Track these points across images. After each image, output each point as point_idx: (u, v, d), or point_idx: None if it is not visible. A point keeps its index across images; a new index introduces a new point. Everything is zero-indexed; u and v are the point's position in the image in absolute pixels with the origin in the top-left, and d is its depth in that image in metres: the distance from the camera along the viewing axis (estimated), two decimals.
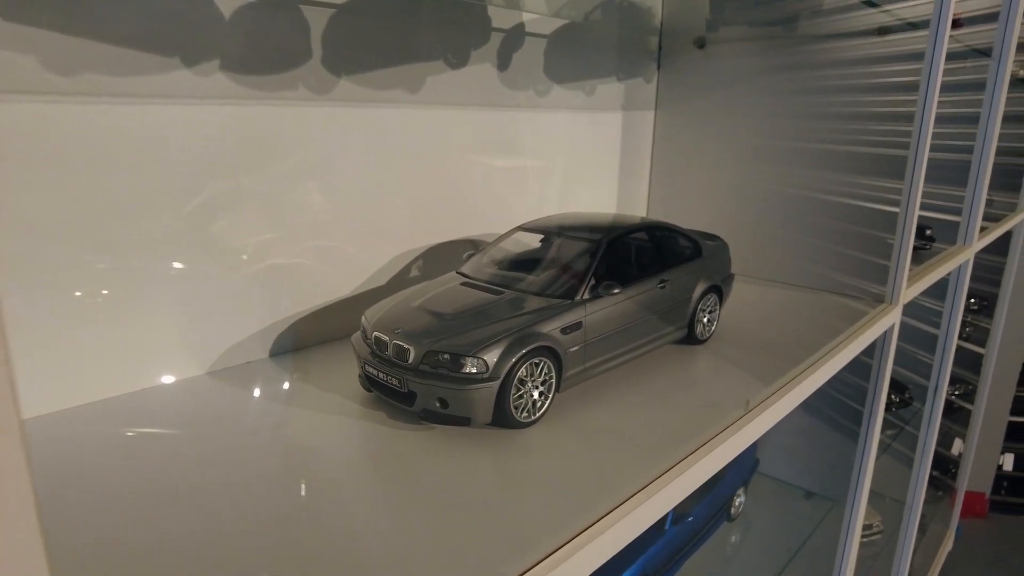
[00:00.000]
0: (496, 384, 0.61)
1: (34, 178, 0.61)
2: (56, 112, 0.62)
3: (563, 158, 1.16)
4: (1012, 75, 1.81)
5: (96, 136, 0.64)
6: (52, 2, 0.60)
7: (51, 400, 0.66)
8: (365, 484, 0.56)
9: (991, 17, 1.66)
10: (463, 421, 0.62)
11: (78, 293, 0.66)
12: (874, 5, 1.08)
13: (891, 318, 1.10)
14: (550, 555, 0.48)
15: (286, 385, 0.75)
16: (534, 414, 0.65)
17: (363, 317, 0.71)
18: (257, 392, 0.73)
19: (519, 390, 0.63)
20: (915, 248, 1.46)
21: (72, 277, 0.65)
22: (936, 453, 2.55)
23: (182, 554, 0.46)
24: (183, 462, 0.58)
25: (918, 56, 1.05)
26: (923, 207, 1.19)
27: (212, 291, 0.76)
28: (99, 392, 0.69)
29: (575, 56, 1.13)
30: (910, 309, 1.29)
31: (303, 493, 0.55)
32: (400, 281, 0.93)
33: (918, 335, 1.81)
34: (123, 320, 0.69)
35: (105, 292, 0.67)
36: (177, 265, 0.72)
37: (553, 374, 0.66)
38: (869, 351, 1.13)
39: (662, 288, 0.79)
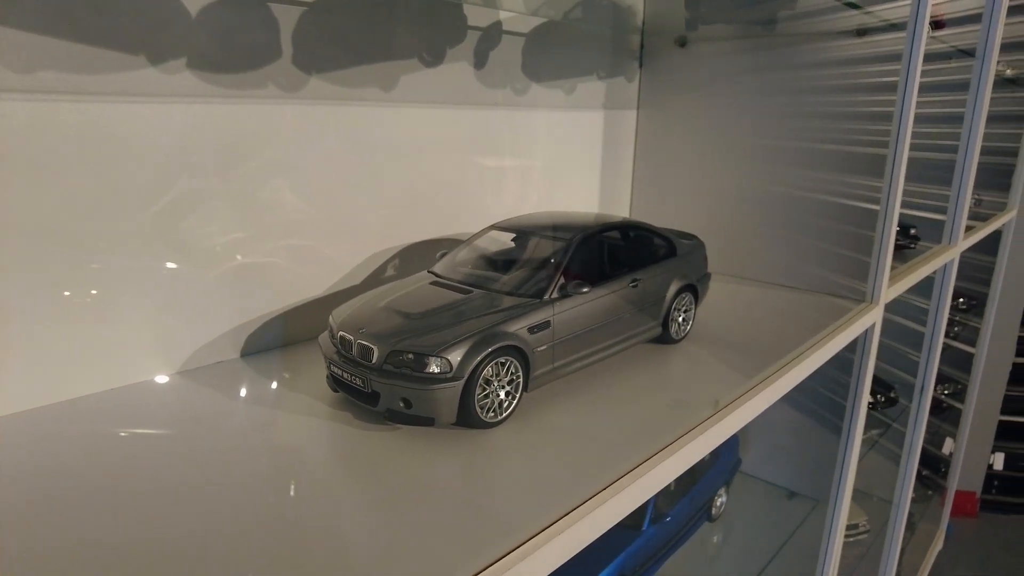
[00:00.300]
0: (460, 384, 0.60)
1: None
2: (15, 110, 0.61)
3: (543, 157, 1.15)
4: (997, 75, 1.82)
5: (59, 135, 0.64)
6: (14, 1, 0.60)
7: (19, 399, 0.65)
8: (328, 485, 0.56)
9: (975, 18, 1.67)
10: (427, 421, 0.61)
11: (43, 293, 0.65)
12: (855, 7, 1.07)
13: (871, 317, 1.10)
14: (510, 552, 0.47)
15: (255, 385, 0.75)
16: (501, 414, 0.65)
17: (330, 317, 0.71)
18: (225, 393, 0.72)
19: (484, 390, 0.63)
20: (899, 247, 1.47)
21: (37, 277, 0.64)
22: (927, 452, 2.56)
23: (151, 554, 0.46)
24: (151, 462, 0.58)
25: (898, 57, 1.05)
26: (911, 206, 1.19)
27: (182, 290, 0.75)
28: (68, 391, 0.68)
29: (555, 54, 1.13)
30: (900, 307, 1.29)
31: (269, 493, 0.54)
32: (375, 280, 0.93)
33: (908, 333, 1.81)
34: (91, 319, 0.68)
35: (70, 292, 0.67)
36: (146, 264, 0.72)
37: (520, 373, 0.66)
38: (851, 350, 1.13)
39: (634, 287, 0.79)
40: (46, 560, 0.45)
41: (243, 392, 0.73)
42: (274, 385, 0.74)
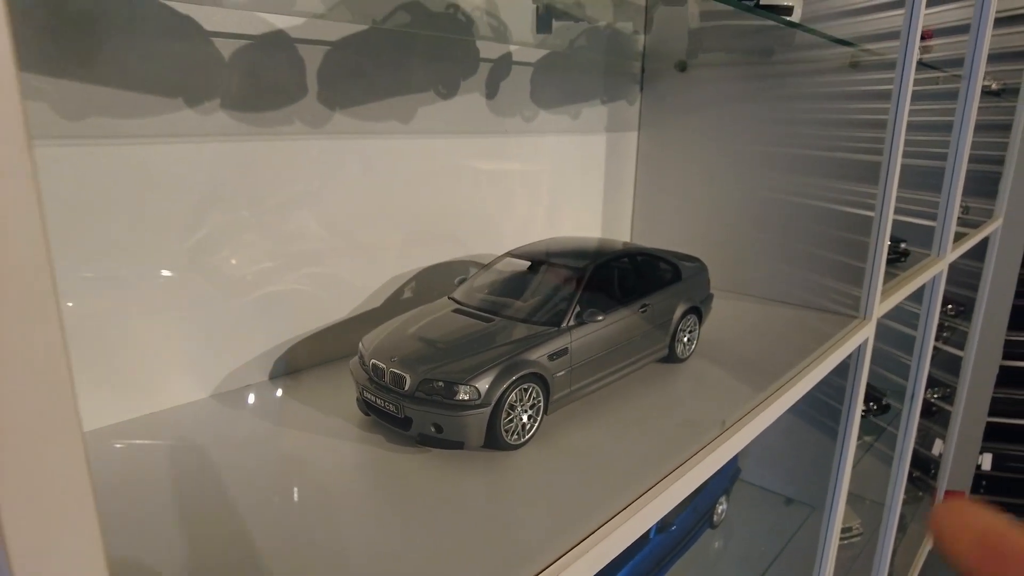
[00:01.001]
0: (488, 410, 0.65)
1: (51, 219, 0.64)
2: (65, 155, 0.65)
3: (549, 180, 1.20)
4: (984, 88, 1.88)
5: (102, 177, 0.68)
6: (63, 53, 0.63)
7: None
8: (369, 504, 0.60)
9: (962, 29, 1.73)
10: (457, 445, 0.66)
11: (86, 325, 0.69)
12: (850, 44, 1.13)
13: (865, 332, 1.15)
14: (543, 571, 0.52)
15: (288, 408, 0.79)
16: (524, 436, 0.69)
17: (360, 343, 0.75)
18: (262, 415, 0.77)
19: (509, 414, 0.67)
20: (890, 261, 1.52)
21: (79, 310, 0.68)
22: (917, 454, 2.62)
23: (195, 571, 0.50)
24: (197, 481, 0.62)
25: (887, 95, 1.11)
26: (901, 212, 1.24)
27: (215, 318, 0.79)
28: (110, 417, 0.72)
29: (561, 82, 1.17)
30: (891, 312, 1.34)
31: (312, 512, 0.58)
32: (393, 303, 0.97)
33: (900, 337, 1.86)
34: (131, 348, 0.72)
35: (111, 324, 0.71)
36: (182, 295, 0.76)
37: (541, 398, 0.70)
38: (846, 362, 1.18)
39: (644, 312, 0.84)
40: None
41: (279, 414, 0.77)
42: (306, 408, 0.79)
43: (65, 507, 0.25)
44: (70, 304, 0.67)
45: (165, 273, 0.74)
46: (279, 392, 0.82)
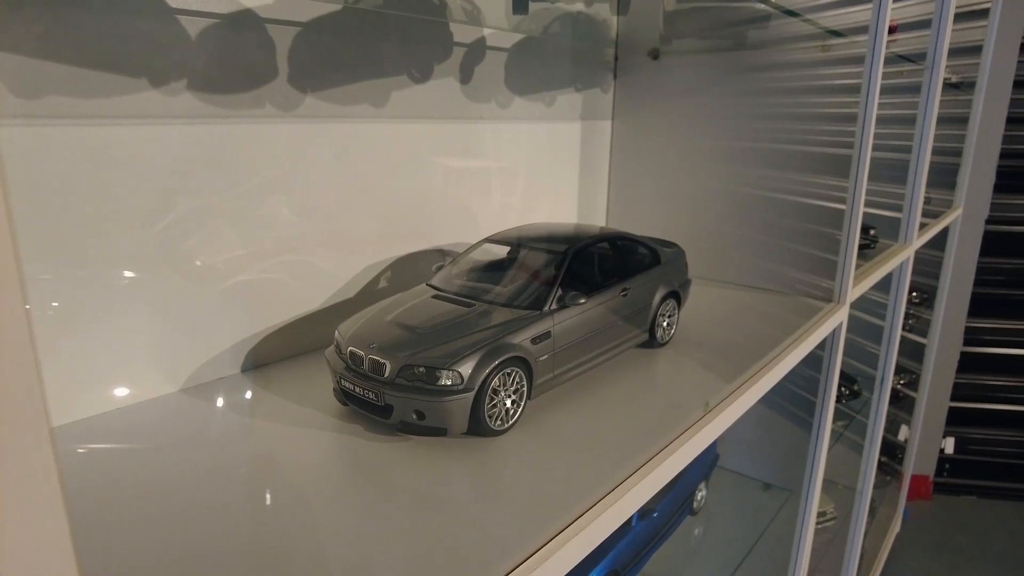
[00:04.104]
0: (471, 395, 0.63)
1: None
2: (19, 135, 0.62)
3: (525, 167, 1.19)
4: (944, 80, 1.92)
5: (61, 158, 0.64)
6: (17, 28, 0.60)
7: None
8: (351, 494, 0.58)
9: (926, 23, 1.76)
10: (440, 432, 0.64)
11: (46, 314, 0.66)
12: (840, 35, 1.13)
13: (839, 316, 1.17)
14: (528, 559, 0.50)
15: (262, 401, 0.76)
16: (508, 422, 0.68)
17: (336, 332, 0.73)
18: (235, 409, 0.74)
19: (493, 399, 0.66)
20: (861, 247, 1.54)
21: (39, 300, 0.65)
22: (885, 440, 2.68)
23: (175, 566, 0.47)
24: (169, 478, 0.59)
25: (859, 69, 1.12)
26: (871, 204, 1.26)
27: (185, 308, 0.76)
28: (76, 412, 0.69)
29: (535, 68, 1.16)
30: (859, 302, 1.36)
31: (289, 505, 0.56)
32: (370, 292, 0.95)
33: (868, 327, 1.90)
34: (97, 340, 0.69)
35: (74, 314, 0.67)
36: (149, 284, 0.73)
37: (525, 383, 0.69)
38: (820, 347, 1.19)
39: (624, 296, 0.83)
40: None
41: (252, 407, 0.74)
42: (280, 399, 0.76)
43: (34, 506, 0.23)
44: (31, 293, 0.64)
45: (130, 261, 0.71)
46: (252, 385, 0.80)
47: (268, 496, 0.57)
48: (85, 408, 0.69)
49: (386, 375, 0.64)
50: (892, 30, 1.62)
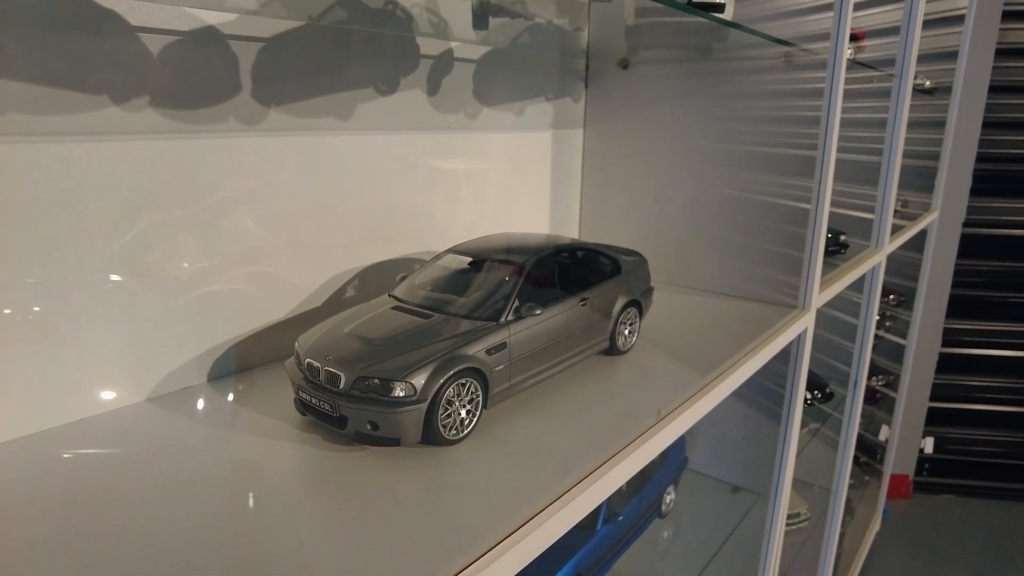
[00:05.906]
0: (424, 406, 0.65)
1: None
2: None
3: (496, 177, 1.20)
4: (917, 86, 1.95)
5: (22, 175, 0.65)
6: None
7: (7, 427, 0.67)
8: (304, 504, 0.60)
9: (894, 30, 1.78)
10: (393, 442, 0.66)
11: (8, 329, 0.67)
12: (789, 44, 1.15)
13: (803, 323, 1.19)
14: (478, 559, 0.52)
15: (225, 410, 0.77)
16: (462, 431, 0.69)
17: (296, 343, 0.74)
18: (198, 419, 0.75)
19: (447, 410, 0.67)
20: (830, 253, 1.57)
21: (8, 310, 0.66)
22: (864, 440, 2.71)
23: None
24: (129, 488, 0.60)
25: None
26: (841, 205, 1.28)
27: (149, 320, 0.77)
28: (39, 424, 0.70)
29: (504, 79, 1.18)
30: (835, 301, 1.39)
31: (249, 514, 0.58)
32: (336, 302, 0.96)
33: (846, 328, 1.92)
34: (61, 352, 0.70)
35: (38, 327, 0.68)
36: (114, 296, 0.74)
37: (480, 393, 0.71)
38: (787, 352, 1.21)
39: (583, 305, 0.85)
40: None
41: (215, 417, 0.76)
42: (243, 409, 0.77)
43: None
44: None
45: (94, 274, 0.72)
46: (216, 394, 0.81)
47: (215, 504, 0.59)
48: (48, 419, 0.70)
49: (341, 387, 0.66)
50: (859, 38, 1.65)
